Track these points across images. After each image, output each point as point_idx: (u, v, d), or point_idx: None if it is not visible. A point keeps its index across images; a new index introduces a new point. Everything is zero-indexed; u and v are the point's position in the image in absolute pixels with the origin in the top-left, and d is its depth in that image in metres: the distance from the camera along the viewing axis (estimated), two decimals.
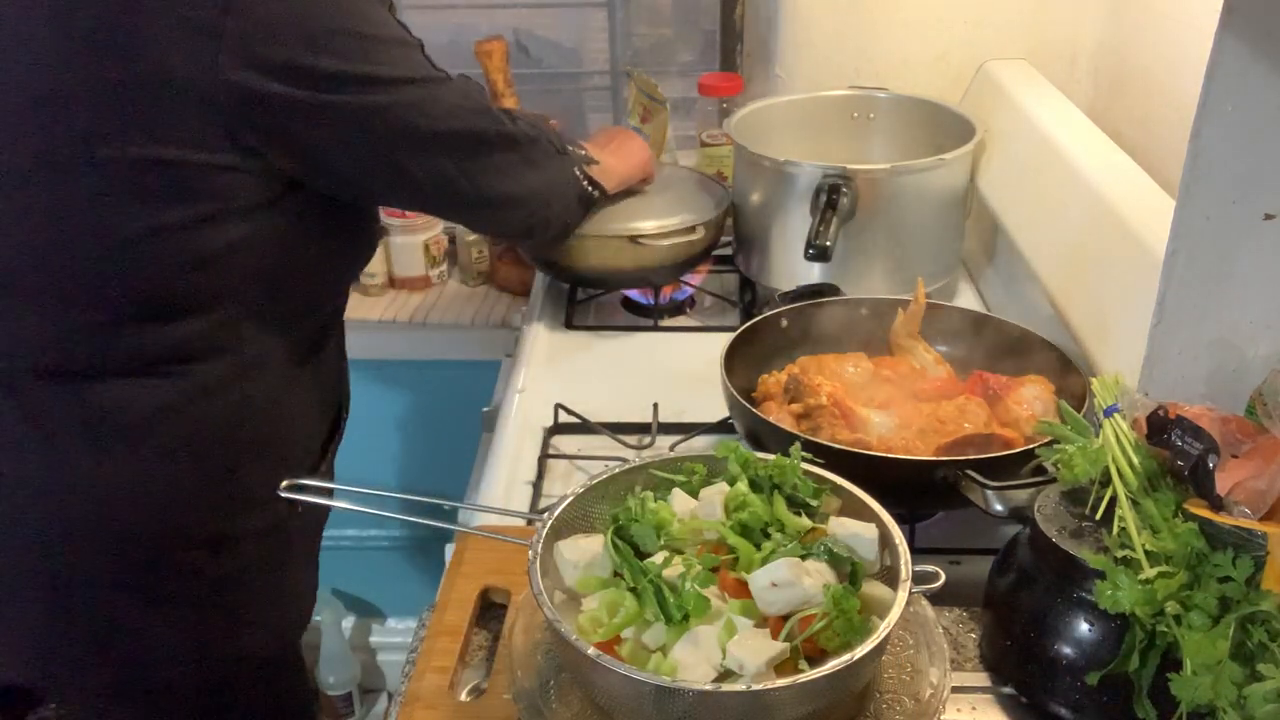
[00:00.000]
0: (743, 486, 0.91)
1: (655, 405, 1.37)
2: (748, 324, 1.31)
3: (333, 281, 1.28)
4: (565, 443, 1.35)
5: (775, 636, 0.80)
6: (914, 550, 0.86)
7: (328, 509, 1.31)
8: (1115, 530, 0.87)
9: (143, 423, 1.12)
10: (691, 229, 1.58)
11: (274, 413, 1.20)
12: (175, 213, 1.06)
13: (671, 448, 1.30)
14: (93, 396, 1.11)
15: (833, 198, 1.46)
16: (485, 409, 1.59)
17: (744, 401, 1.17)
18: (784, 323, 1.33)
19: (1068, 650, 0.89)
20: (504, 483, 1.28)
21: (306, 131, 1.09)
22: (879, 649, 0.80)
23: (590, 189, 1.43)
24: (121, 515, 1.13)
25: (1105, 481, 0.90)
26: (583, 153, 1.43)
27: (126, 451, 1.12)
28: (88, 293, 1.08)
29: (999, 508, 1.01)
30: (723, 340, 1.25)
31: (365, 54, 1.08)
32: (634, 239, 1.55)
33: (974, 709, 0.95)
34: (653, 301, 1.68)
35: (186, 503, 1.16)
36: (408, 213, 2.00)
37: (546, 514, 0.90)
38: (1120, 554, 0.85)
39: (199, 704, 1.25)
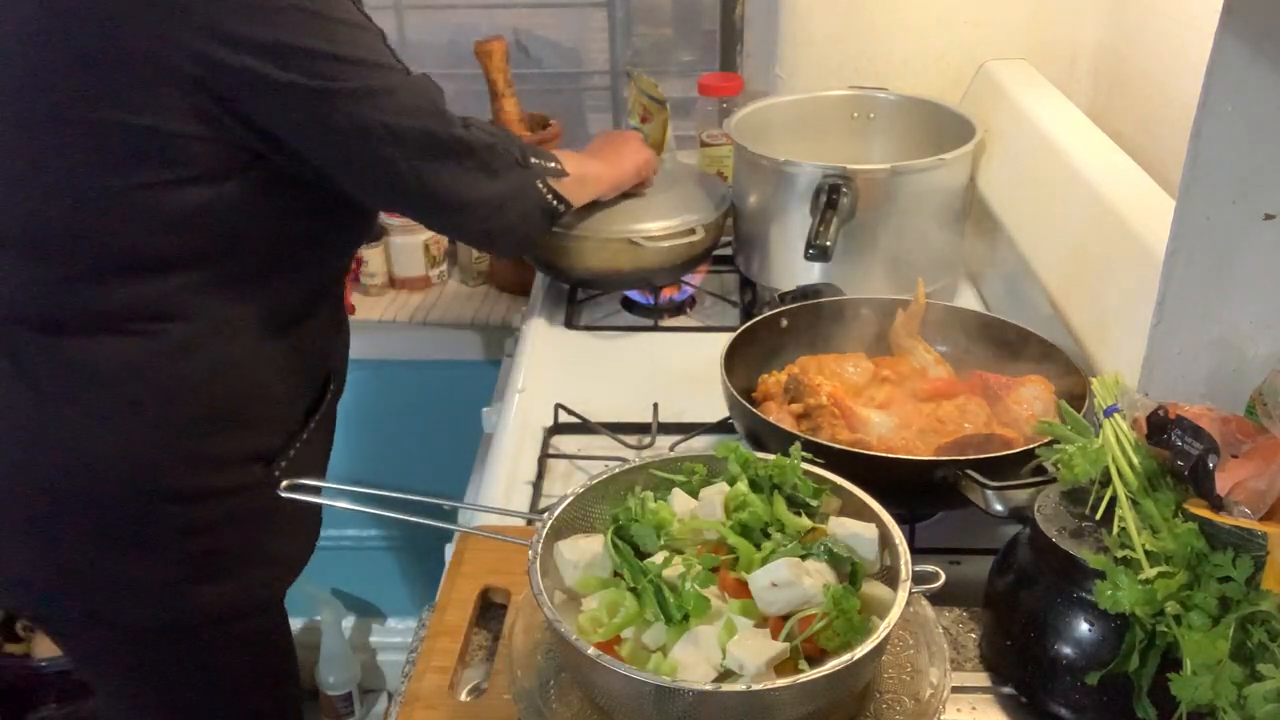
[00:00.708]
0: (743, 486, 0.91)
1: (655, 405, 1.37)
2: (748, 324, 1.31)
3: (313, 255, 1.28)
4: (565, 443, 1.35)
5: (775, 636, 0.80)
6: (914, 550, 0.86)
7: (314, 477, 1.31)
8: (1115, 530, 0.87)
9: (115, 377, 1.17)
10: (691, 230, 1.58)
11: (246, 376, 1.23)
12: (142, 175, 1.11)
13: (671, 448, 1.31)
14: (70, 349, 1.17)
15: (833, 198, 1.46)
16: (485, 409, 1.59)
17: (744, 401, 1.17)
18: (784, 323, 1.33)
19: (1068, 650, 0.89)
20: (504, 483, 1.28)
21: (261, 106, 1.11)
22: (879, 649, 0.80)
23: (554, 202, 1.41)
24: (95, 463, 1.19)
25: (1105, 481, 0.90)
26: (553, 165, 1.40)
27: (99, 404, 1.18)
28: (60, 248, 1.15)
29: (999, 508, 1.01)
30: (723, 340, 1.25)
31: (320, 32, 1.11)
32: (633, 241, 1.55)
33: (974, 709, 0.95)
34: (653, 302, 1.68)
35: (156, 456, 1.20)
36: None
37: (546, 514, 0.90)
38: (1120, 554, 0.85)
39: (172, 645, 1.30)
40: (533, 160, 1.37)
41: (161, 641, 1.30)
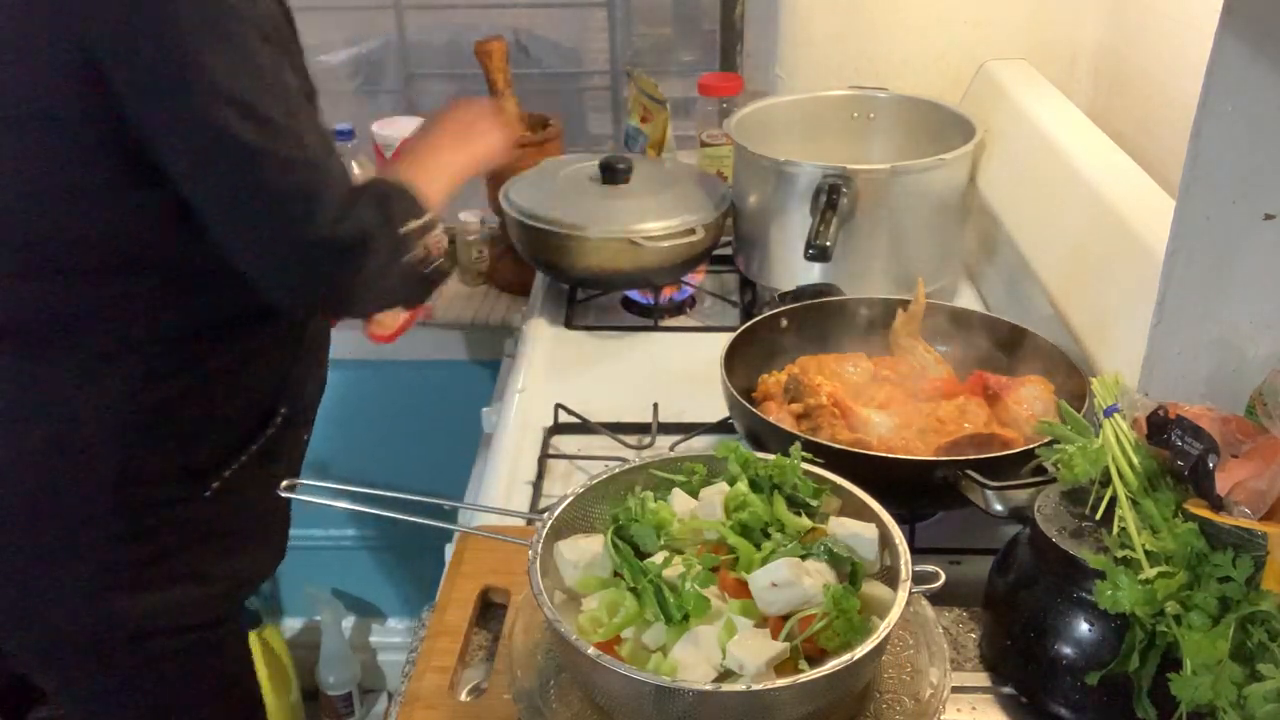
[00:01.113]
0: (743, 486, 0.91)
1: (655, 405, 1.37)
2: (748, 324, 1.31)
3: (236, 278, 1.18)
4: (565, 443, 1.35)
5: (775, 636, 0.80)
6: (914, 550, 0.86)
7: (268, 501, 1.22)
8: (1115, 530, 0.87)
9: (45, 383, 1.18)
10: (691, 230, 1.58)
11: (171, 391, 1.21)
12: (62, 177, 1.11)
13: (671, 448, 1.30)
14: (4, 354, 1.18)
15: (833, 198, 1.46)
16: (485, 409, 1.59)
17: (744, 401, 1.17)
18: (784, 323, 1.33)
19: (1068, 650, 0.89)
20: (504, 483, 1.28)
21: (149, 122, 1.08)
22: (879, 649, 0.80)
23: (435, 264, 1.25)
24: (22, 468, 1.20)
25: (1105, 481, 0.90)
26: (423, 219, 1.21)
27: (28, 408, 1.19)
28: None
29: (999, 508, 1.01)
30: (723, 340, 1.25)
31: (229, 64, 1.06)
32: (633, 241, 1.55)
33: (974, 709, 0.95)
34: (653, 302, 1.68)
35: (81, 463, 1.20)
36: None
37: (546, 514, 0.90)
38: (1120, 554, 0.85)
39: (108, 654, 1.29)
40: (403, 229, 1.19)
41: (95, 649, 1.28)
